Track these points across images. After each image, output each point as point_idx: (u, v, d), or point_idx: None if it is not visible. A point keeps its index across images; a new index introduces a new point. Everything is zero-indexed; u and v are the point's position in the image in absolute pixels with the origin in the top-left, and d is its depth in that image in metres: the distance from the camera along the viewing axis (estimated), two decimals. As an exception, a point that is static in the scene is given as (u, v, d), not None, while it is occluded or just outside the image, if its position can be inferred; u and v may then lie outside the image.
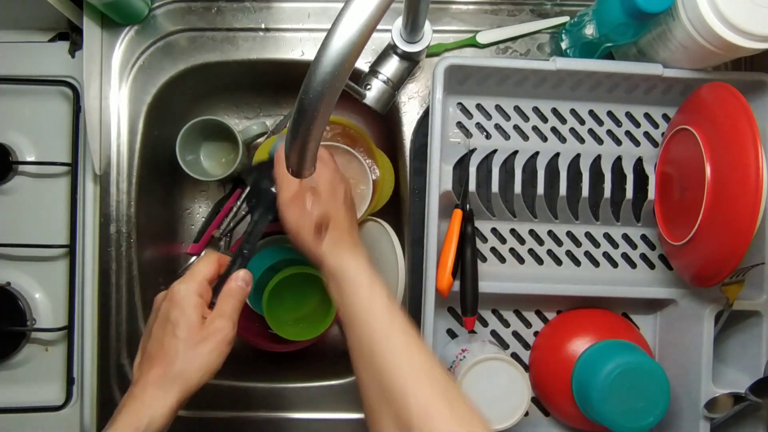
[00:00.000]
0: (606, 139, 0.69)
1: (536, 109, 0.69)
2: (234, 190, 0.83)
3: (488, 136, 0.69)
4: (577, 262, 0.70)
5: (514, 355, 0.70)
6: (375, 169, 0.74)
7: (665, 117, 0.70)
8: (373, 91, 0.66)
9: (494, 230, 0.70)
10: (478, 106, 0.69)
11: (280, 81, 0.77)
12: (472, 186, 0.66)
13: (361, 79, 0.67)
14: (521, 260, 0.70)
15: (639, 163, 0.68)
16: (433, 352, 0.49)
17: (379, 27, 0.37)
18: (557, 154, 0.68)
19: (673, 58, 0.62)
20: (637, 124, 0.70)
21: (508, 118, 0.69)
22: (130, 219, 0.71)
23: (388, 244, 0.70)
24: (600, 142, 0.69)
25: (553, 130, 0.70)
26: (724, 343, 0.68)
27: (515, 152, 0.68)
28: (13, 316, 0.71)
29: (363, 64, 0.70)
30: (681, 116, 0.64)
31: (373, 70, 0.66)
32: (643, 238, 0.70)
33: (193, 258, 0.83)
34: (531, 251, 0.70)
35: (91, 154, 0.69)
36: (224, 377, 0.71)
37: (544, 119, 0.69)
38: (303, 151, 0.43)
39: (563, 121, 0.69)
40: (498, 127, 0.69)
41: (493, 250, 0.70)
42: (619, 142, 0.70)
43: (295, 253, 0.75)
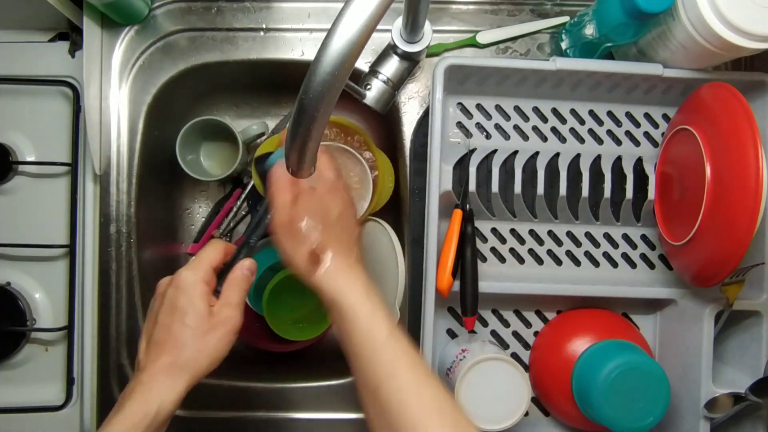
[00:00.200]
0: (606, 139, 0.70)
1: (536, 109, 0.69)
2: (234, 190, 0.83)
3: (488, 136, 0.69)
4: (577, 262, 0.70)
5: (514, 355, 0.70)
6: (375, 169, 0.74)
7: (665, 117, 0.70)
8: (373, 91, 0.66)
9: (494, 230, 0.70)
10: (478, 106, 0.69)
11: (280, 81, 0.77)
12: (472, 186, 0.66)
13: (361, 79, 0.67)
14: (521, 260, 0.70)
15: (639, 163, 0.68)
16: (440, 381, 0.47)
17: (379, 27, 0.37)
18: (557, 154, 0.68)
19: (673, 58, 0.62)
20: (637, 124, 0.70)
21: (508, 118, 0.69)
22: (130, 219, 0.71)
23: (388, 244, 0.70)
24: (600, 142, 0.70)
25: (553, 130, 0.70)
26: (724, 343, 0.68)
27: (515, 152, 0.68)
28: (13, 316, 0.71)
29: (363, 64, 0.70)
30: (681, 116, 0.64)
31: (373, 70, 0.66)
32: (643, 238, 0.70)
33: (193, 258, 0.82)
34: (531, 251, 0.70)
35: (91, 154, 0.69)
36: (224, 377, 0.71)
37: (544, 119, 0.69)
38: (303, 151, 0.43)
39: (563, 121, 0.69)
40: (498, 127, 0.69)
41: (493, 250, 0.70)
42: (619, 142, 0.70)
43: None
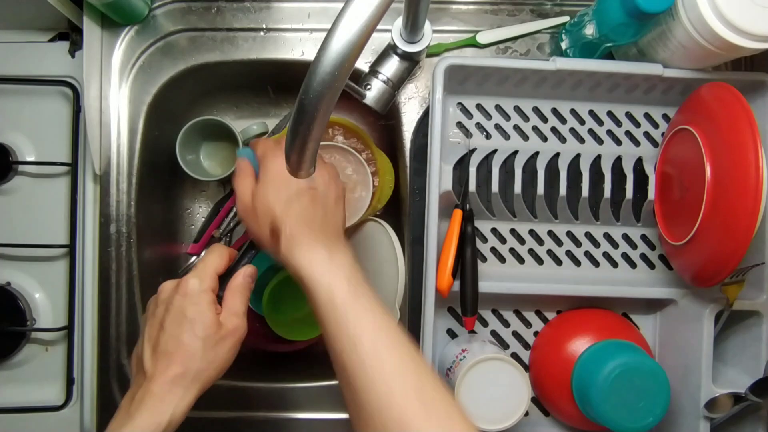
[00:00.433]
0: (606, 139, 0.69)
1: (536, 109, 0.69)
2: (234, 190, 0.83)
3: (488, 136, 0.69)
4: (577, 262, 0.70)
5: (514, 355, 0.70)
6: (375, 169, 0.74)
7: (665, 117, 0.70)
8: (373, 91, 0.66)
9: (494, 230, 0.70)
10: (478, 106, 0.69)
11: (280, 81, 0.77)
12: (472, 186, 0.66)
13: (361, 79, 0.67)
14: (521, 260, 0.70)
15: (639, 163, 0.68)
16: (406, 341, 0.45)
17: (379, 27, 0.37)
18: (557, 154, 0.68)
19: (673, 58, 0.62)
20: (637, 124, 0.70)
21: (508, 118, 0.69)
22: (130, 219, 0.71)
23: (388, 244, 0.70)
24: (600, 142, 0.69)
25: (553, 130, 0.70)
26: (724, 343, 0.68)
27: (515, 152, 0.68)
28: (13, 316, 0.71)
29: (363, 64, 0.70)
30: (681, 116, 0.64)
31: (373, 70, 0.66)
32: (643, 238, 0.70)
33: (194, 258, 0.83)
34: (531, 251, 0.70)
35: (91, 154, 0.69)
36: (224, 377, 0.71)
37: (544, 119, 0.69)
38: (303, 151, 0.43)
39: (563, 121, 0.69)
40: (498, 127, 0.69)
41: (493, 250, 0.70)
42: (619, 142, 0.70)
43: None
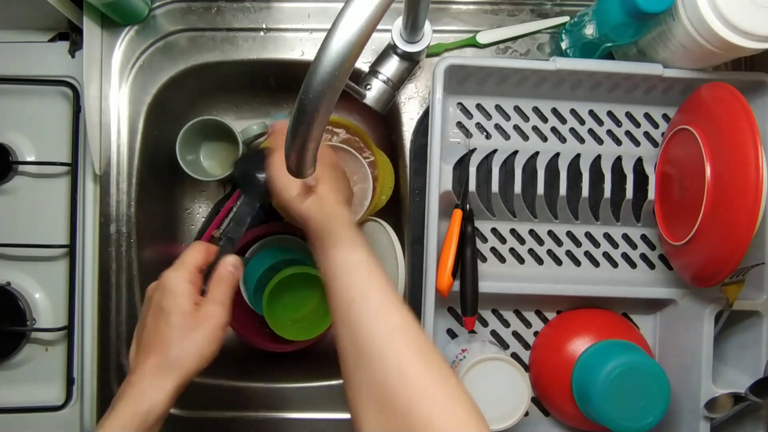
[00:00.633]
0: (606, 139, 0.69)
1: (536, 109, 0.69)
2: (234, 190, 0.83)
3: (488, 136, 0.69)
4: (577, 262, 0.70)
5: (514, 355, 0.70)
6: (375, 169, 0.74)
7: (665, 117, 0.70)
8: (373, 91, 0.66)
9: (494, 230, 0.70)
10: (478, 106, 0.69)
11: (280, 81, 0.77)
12: (472, 186, 0.66)
13: (361, 79, 0.67)
14: (521, 260, 0.70)
15: (639, 163, 0.68)
16: (410, 312, 0.47)
17: (379, 27, 0.37)
18: (557, 154, 0.68)
19: (673, 58, 0.62)
20: (637, 124, 0.70)
21: (508, 118, 0.69)
22: (130, 219, 0.71)
23: (388, 244, 0.70)
24: (600, 142, 0.69)
25: (553, 130, 0.70)
26: (724, 343, 0.68)
27: (515, 152, 0.68)
28: (13, 316, 0.71)
29: (363, 64, 0.70)
30: (681, 116, 0.64)
31: (373, 70, 0.66)
32: (643, 238, 0.70)
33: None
34: (531, 251, 0.70)
35: (91, 154, 0.69)
36: (223, 377, 0.71)
37: (544, 119, 0.69)
38: (303, 151, 0.43)
39: (563, 121, 0.69)
40: (498, 127, 0.69)
41: (493, 250, 0.70)
42: (619, 142, 0.70)
43: (295, 253, 0.76)
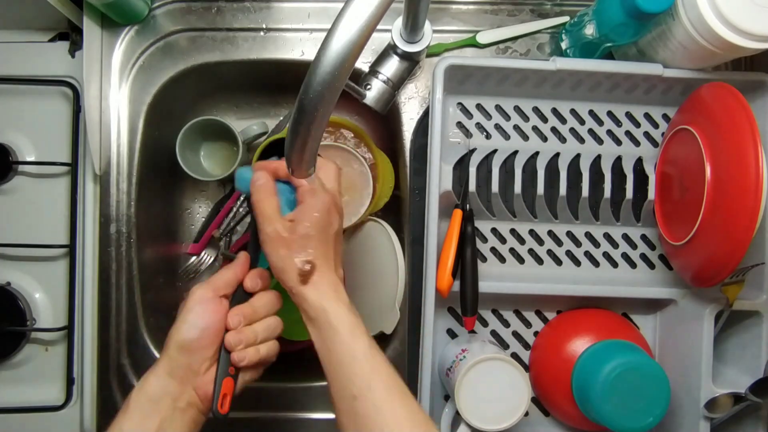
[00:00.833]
0: (606, 139, 0.69)
1: (536, 109, 0.69)
2: (234, 190, 0.83)
3: (488, 136, 0.69)
4: (577, 262, 0.70)
5: (514, 355, 0.70)
6: (375, 169, 0.74)
7: (665, 117, 0.70)
8: (373, 91, 0.66)
9: (494, 230, 0.70)
10: (478, 106, 0.69)
11: (280, 81, 0.77)
12: (472, 186, 0.66)
13: (361, 79, 0.67)
14: (521, 260, 0.70)
15: (639, 163, 0.68)
16: (415, 400, 0.50)
17: (379, 27, 0.37)
18: (557, 154, 0.68)
19: (673, 58, 0.62)
20: (637, 124, 0.70)
21: (508, 118, 0.69)
22: (130, 219, 0.71)
23: (388, 244, 0.70)
24: (600, 142, 0.69)
25: (553, 130, 0.70)
26: (724, 343, 0.68)
27: (515, 152, 0.68)
28: (13, 316, 0.71)
29: (363, 64, 0.70)
30: (681, 116, 0.64)
31: (373, 70, 0.66)
32: (643, 238, 0.70)
33: (193, 258, 0.83)
34: (531, 251, 0.70)
35: (91, 154, 0.69)
36: (224, 377, 0.71)
37: (544, 119, 0.69)
38: (303, 151, 0.43)
39: (563, 121, 0.69)
40: (498, 127, 0.69)
41: (493, 250, 0.70)
42: (619, 142, 0.70)
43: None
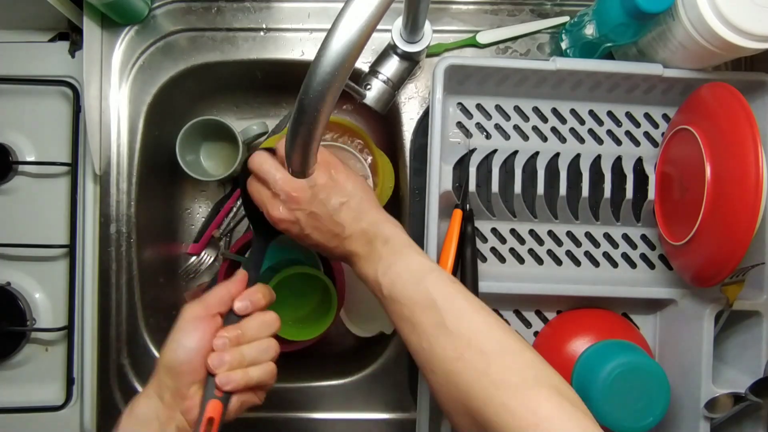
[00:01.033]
0: (606, 139, 0.69)
1: (536, 109, 0.69)
2: (234, 190, 0.83)
3: (488, 136, 0.69)
4: (577, 262, 0.70)
5: (514, 355, 0.70)
6: (375, 169, 0.74)
7: (665, 117, 0.70)
8: (373, 91, 0.66)
9: (494, 230, 0.70)
10: (478, 106, 0.69)
11: (280, 81, 0.77)
12: (472, 186, 0.66)
13: (361, 79, 0.67)
14: (521, 260, 0.70)
15: (639, 163, 0.68)
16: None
17: (379, 27, 0.37)
18: (557, 154, 0.68)
19: (673, 58, 0.62)
20: (637, 124, 0.70)
21: (508, 118, 0.69)
22: (130, 219, 0.71)
23: (388, 244, 0.70)
24: (600, 142, 0.69)
25: (553, 130, 0.70)
26: (724, 343, 0.68)
27: (515, 152, 0.68)
28: (13, 316, 0.71)
29: (363, 64, 0.70)
30: (681, 116, 0.64)
31: (373, 70, 0.66)
32: (643, 238, 0.70)
33: (193, 258, 0.83)
34: (531, 251, 0.70)
35: (91, 154, 0.69)
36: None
37: (544, 119, 0.69)
38: (303, 151, 0.43)
39: (563, 121, 0.69)
40: (498, 127, 0.69)
41: (493, 250, 0.70)
42: (619, 142, 0.70)
43: (295, 253, 0.76)
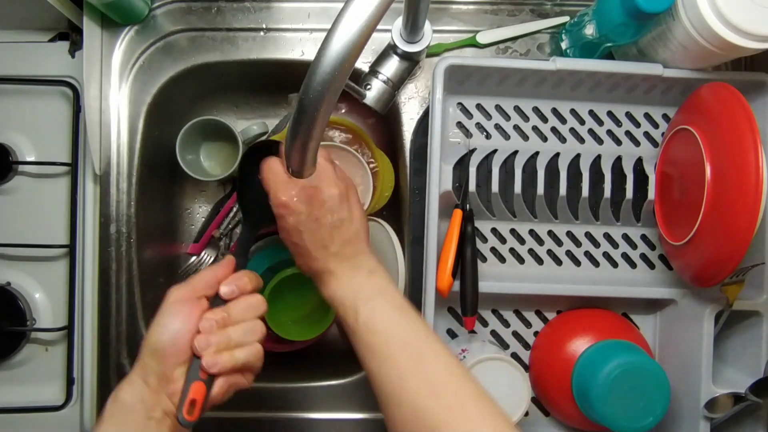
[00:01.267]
0: (606, 139, 0.69)
1: (536, 109, 0.69)
2: (234, 190, 0.83)
3: (488, 136, 0.69)
4: (577, 262, 0.70)
5: (514, 355, 0.70)
6: (375, 169, 0.74)
7: (665, 117, 0.70)
8: (373, 91, 0.66)
9: (494, 230, 0.70)
10: (478, 106, 0.69)
11: (280, 81, 0.77)
12: (472, 186, 0.66)
13: (361, 79, 0.67)
14: (521, 260, 0.70)
15: (639, 163, 0.68)
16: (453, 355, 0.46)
17: (379, 27, 0.37)
18: (557, 154, 0.68)
19: (673, 58, 0.62)
20: (637, 124, 0.70)
21: (508, 118, 0.69)
22: (130, 219, 0.71)
23: (388, 244, 0.70)
24: (600, 142, 0.69)
25: (553, 130, 0.70)
26: (724, 343, 0.68)
27: (515, 152, 0.68)
28: (13, 316, 0.71)
29: (363, 64, 0.70)
30: (681, 116, 0.64)
31: (373, 70, 0.66)
32: (643, 238, 0.70)
33: (193, 258, 0.83)
34: (531, 251, 0.70)
35: (91, 154, 0.69)
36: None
37: (544, 119, 0.69)
38: (303, 151, 0.43)
39: (563, 121, 0.69)
40: (498, 127, 0.69)
41: (493, 250, 0.70)
42: (619, 142, 0.70)
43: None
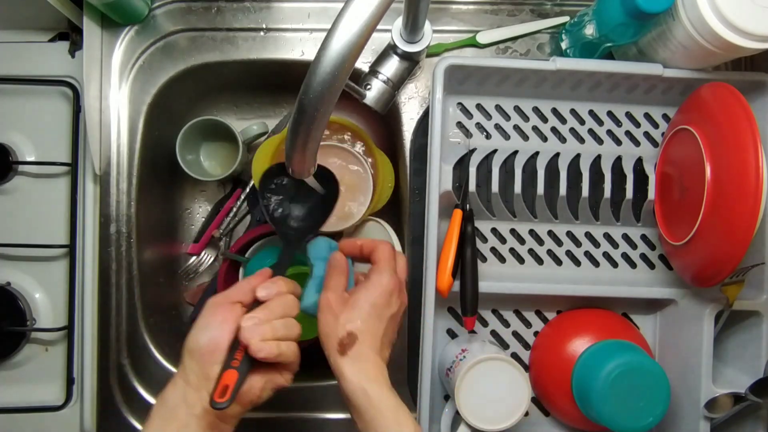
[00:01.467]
0: (606, 139, 0.69)
1: (536, 109, 0.69)
2: (234, 190, 0.83)
3: (488, 136, 0.69)
4: (577, 262, 0.70)
5: (514, 355, 0.70)
6: (375, 169, 0.74)
7: (665, 117, 0.70)
8: (373, 91, 0.66)
9: (494, 230, 0.70)
10: (478, 106, 0.69)
11: (280, 81, 0.77)
12: (472, 186, 0.66)
13: (361, 79, 0.67)
14: (521, 260, 0.70)
15: (639, 163, 0.68)
16: None
17: (379, 27, 0.37)
18: (557, 154, 0.68)
19: (673, 58, 0.62)
20: (637, 124, 0.70)
21: (508, 118, 0.69)
22: (130, 219, 0.71)
23: (388, 244, 0.70)
24: (600, 142, 0.69)
25: (553, 130, 0.70)
26: (724, 343, 0.68)
27: (515, 152, 0.68)
28: (13, 316, 0.71)
29: (363, 64, 0.70)
30: (681, 116, 0.64)
31: (373, 70, 0.66)
32: (643, 238, 0.70)
33: (193, 258, 0.83)
34: (531, 251, 0.70)
35: (91, 154, 0.69)
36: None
37: (544, 119, 0.69)
38: (303, 152, 0.43)
39: (563, 121, 0.69)
40: (498, 127, 0.69)
41: (493, 250, 0.70)
42: (619, 142, 0.70)
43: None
